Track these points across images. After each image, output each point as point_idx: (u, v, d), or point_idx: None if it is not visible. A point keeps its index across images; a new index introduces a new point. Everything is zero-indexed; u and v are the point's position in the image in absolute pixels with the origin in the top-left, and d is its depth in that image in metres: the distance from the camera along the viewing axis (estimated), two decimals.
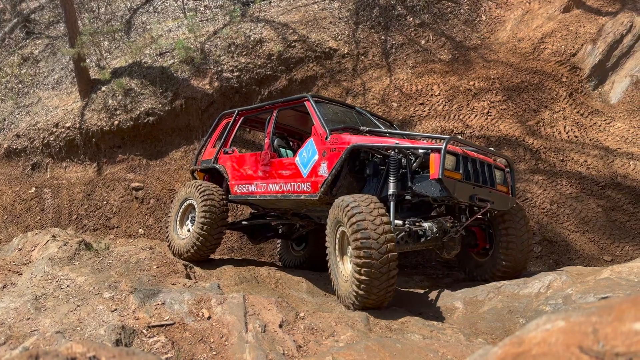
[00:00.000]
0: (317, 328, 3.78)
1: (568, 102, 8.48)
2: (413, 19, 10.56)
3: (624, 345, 0.87)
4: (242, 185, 6.05)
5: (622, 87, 8.64)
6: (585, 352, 0.88)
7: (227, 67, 10.02)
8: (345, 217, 4.13)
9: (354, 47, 10.18)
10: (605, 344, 0.89)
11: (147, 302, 4.03)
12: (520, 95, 8.64)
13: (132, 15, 12.95)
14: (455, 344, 3.44)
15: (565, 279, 4.11)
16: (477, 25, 10.44)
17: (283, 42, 10.13)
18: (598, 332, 0.93)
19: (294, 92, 9.88)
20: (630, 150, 7.66)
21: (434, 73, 9.51)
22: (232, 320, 3.68)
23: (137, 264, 5.25)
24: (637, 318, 0.93)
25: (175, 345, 3.47)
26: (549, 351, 0.94)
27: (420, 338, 3.60)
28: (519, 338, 1.05)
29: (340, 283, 4.42)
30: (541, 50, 9.33)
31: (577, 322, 0.99)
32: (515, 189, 5.05)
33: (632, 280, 3.98)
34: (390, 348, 2.99)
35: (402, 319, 4.18)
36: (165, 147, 10.01)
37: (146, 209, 9.06)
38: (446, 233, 4.64)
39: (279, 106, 6.00)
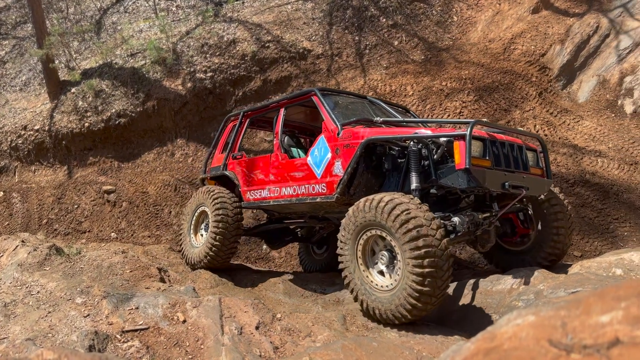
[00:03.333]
0: (294, 329, 3.78)
1: (538, 102, 8.66)
2: (386, 20, 10.64)
3: (591, 338, 0.89)
4: (254, 191, 5.73)
5: (589, 86, 8.86)
6: (554, 346, 0.90)
7: (200, 67, 9.93)
8: (387, 218, 3.66)
9: (328, 47, 10.20)
10: (574, 336, 0.91)
11: (120, 307, 3.96)
12: (491, 95, 8.78)
13: (102, 15, 12.72)
14: (431, 340, 3.48)
15: (537, 274, 4.19)
16: (448, 26, 10.57)
17: (257, 42, 10.09)
18: (567, 325, 0.95)
19: (268, 93, 9.85)
20: (598, 148, 7.86)
21: (408, 74, 9.59)
22: (208, 323, 3.65)
23: (110, 268, 5.16)
24: (604, 311, 0.96)
25: (150, 349, 3.43)
26: (519, 345, 0.96)
27: (396, 336, 3.63)
28: (491, 333, 1.07)
29: (380, 296, 3.85)
30: (511, 51, 9.50)
31: (547, 316, 1.01)
32: (551, 170, 4.59)
33: (601, 275, 4.08)
34: (367, 347, 3.01)
35: None
36: (137, 149, 9.87)
37: (118, 212, 8.91)
38: (479, 226, 4.25)
39: (285, 103, 5.64)
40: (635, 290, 0.99)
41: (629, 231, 6.79)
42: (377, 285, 3.92)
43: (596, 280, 3.85)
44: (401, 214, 3.57)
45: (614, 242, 6.65)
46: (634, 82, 8.49)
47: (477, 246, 4.47)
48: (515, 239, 4.92)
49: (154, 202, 8.76)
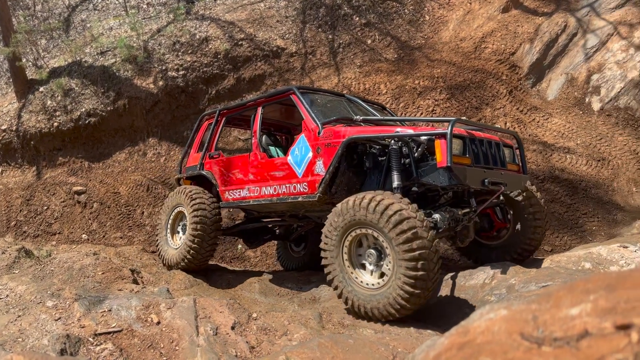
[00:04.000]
0: (270, 328, 3.77)
1: (508, 100, 8.81)
2: (359, 19, 10.68)
3: (561, 330, 0.91)
4: (233, 191, 5.68)
5: (558, 84, 9.06)
6: (526, 339, 0.92)
7: (172, 65, 9.80)
8: (379, 218, 3.67)
9: (302, 46, 10.19)
10: (545, 329, 0.93)
11: (92, 310, 3.89)
12: (463, 94, 8.90)
13: (71, 13, 12.45)
14: (406, 336, 3.51)
15: (509, 269, 4.27)
16: (421, 25, 10.67)
17: (230, 40, 10.01)
18: (538, 318, 0.97)
19: (242, 91, 9.79)
20: (567, 144, 8.04)
21: (381, 72, 9.65)
22: (183, 324, 3.61)
23: (81, 270, 5.06)
24: (573, 304, 0.98)
25: (124, 352, 3.37)
26: (492, 339, 0.97)
27: (372, 332, 3.65)
28: (464, 328, 1.09)
29: (366, 293, 3.89)
30: (482, 50, 9.65)
31: (519, 310, 1.03)
32: (527, 165, 4.72)
33: (570, 269, 4.18)
34: (343, 344, 3.02)
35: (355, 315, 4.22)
36: (108, 149, 9.69)
37: (89, 213, 8.74)
38: (459, 222, 4.33)
39: (262, 102, 5.60)
40: (603, 283, 1.02)
41: (597, 226, 6.97)
42: (363, 283, 3.95)
43: (566, 274, 3.94)
44: (394, 214, 3.60)
45: (582, 237, 6.82)
46: (601, 80, 8.71)
47: (456, 241, 4.53)
48: (492, 233, 5.03)
49: (125, 203, 8.62)
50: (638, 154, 7.79)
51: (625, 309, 0.89)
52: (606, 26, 9.08)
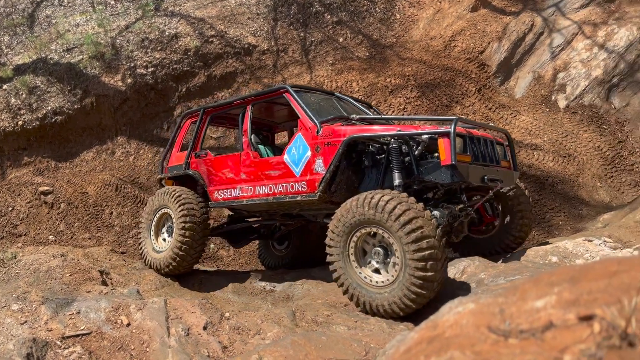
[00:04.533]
0: (243, 327, 3.75)
1: (477, 97, 8.95)
2: (331, 17, 10.69)
3: (527, 322, 0.93)
4: (223, 190, 5.57)
5: (525, 82, 9.25)
6: (493, 331, 0.93)
7: (141, 62, 9.64)
8: (381, 213, 3.73)
9: (274, 43, 10.14)
10: (511, 322, 0.95)
11: (60, 312, 3.81)
12: (433, 92, 9.00)
13: (35, 8, 12.11)
14: (379, 332, 3.54)
15: (478, 264, 4.35)
16: (392, 24, 10.74)
17: (200, 37, 9.90)
18: (504, 311, 0.98)
19: (213, 89, 9.69)
20: (534, 141, 8.21)
21: (353, 70, 9.69)
22: (153, 325, 3.56)
23: (48, 272, 4.94)
24: (539, 296, 1.00)
25: (93, 355, 3.31)
26: (460, 332, 0.98)
27: (345, 329, 3.67)
28: (433, 322, 1.10)
29: (373, 291, 3.93)
30: (452, 48, 9.77)
31: (486, 303, 1.04)
32: (516, 162, 4.91)
33: (538, 263, 4.28)
34: (316, 341, 3.02)
35: (328, 312, 4.24)
36: (75, 148, 9.48)
37: (57, 214, 8.53)
38: (456, 218, 4.43)
39: (252, 100, 5.52)
40: (567, 276, 1.04)
41: (564, 220, 7.15)
42: (370, 281, 4.00)
43: (533, 267, 4.03)
44: (403, 213, 3.66)
45: (550, 231, 6.98)
46: (567, 78, 8.92)
47: (451, 237, 4.60)
48: (481, 227, 5.18)
49: (94, 203, 8.45)
50: (602, 150, 8.02)
51: (587, 301, 0.91)
52: (571, 25, 9.31)
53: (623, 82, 8.60)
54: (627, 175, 7.77)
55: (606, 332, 0.81)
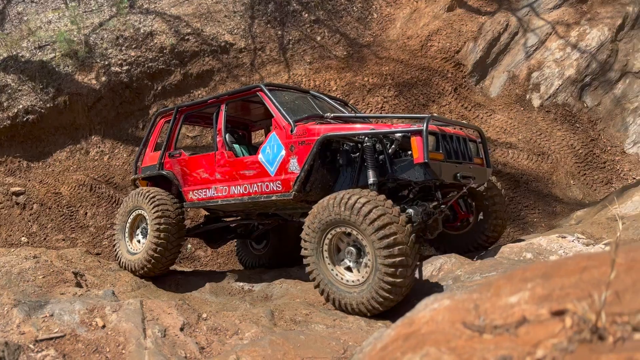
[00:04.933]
0: (221, 328, 3.72)
1: (453, 97, 9.05)
2: (308, 15, 10.68)
3: (501, 318, 0.94)
4: (198, 190, 5.52)
5: (500, 81, 9.37)
6: (468, 327, 0.94)
7: (116, 60, 9.49)
8: (356, 215, 3.73)
9: (251, 41, 10.09)
10: (486, 318, 0.95)
11: (33, 315, 3.72)
12: (410, 91, 9.07)
13: (6, 5, 11.82)
14: (357, 330, 3.55)
15: (455, 261, 4.39)
16: (369, 23, 10.78)
17: (176, 35, 9.79)
18: (479, 307, 0.99)
19: (190, 87, 9.60)
20: (509, 140, 8.34)
21: (331, 69, 9.69)
22: (129, 327, 3.51)
23: (20, 274, 4.84)
24: (512, 292, 1.01)
25: (67, 358, 3.25)
26: (436, 329, 0.99)
27: (324, 328, 3.67)
28: (409, 319, 1.10)
29: (348, 290, 3.97)
30: (428, 48, 9.85)
31: (461, 299, 1.05)
32: (490, 159, 4.96)
33: (513, 259, 4.34)
34: (294, 340, 3.02)
35: (307, 311, 4.23)
36: (48, 148, 9.28)
37: (29, 215, 8.35)
38: (431, 215, 4.45)
39: (226, 99, 5.49)
40: (540, 272, 1.05)
41: (538, 217, 7.27)
42: (345, 280, 4.03)
43: (508, 264, 4.09)
44: (378, 218, 3.67)
45: (524, 228, 7.10)
46: (541, 77, 9.08)
47: (426, 233, 4.64)
48: (456, 224, 5.23)
49: (67, 204, 8.29)
50: (575, 148, 8.18)
51: (560, 296, 0.93)
52: (545, 26, 9.47)
53: (595, 82, 8.78)
54: (599, 172, 7.95)
55: (577, 326, 0.82)
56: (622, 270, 0.97)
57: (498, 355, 0.80)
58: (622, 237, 4.48)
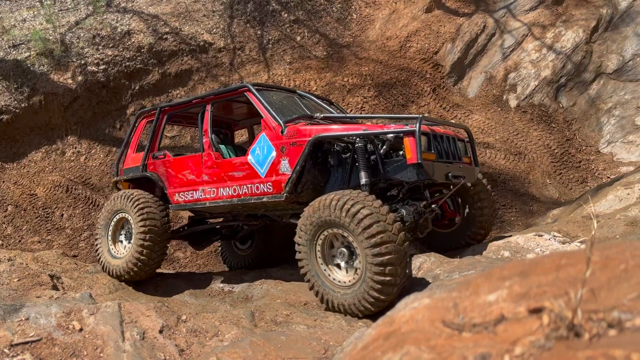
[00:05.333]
0: (201, 329, 3.69)
1: (432, 97, 9.12)
2: (288, 15, 10.67)
3: (480, 316, 0.95)
4: (184, 192, 5.42)
5: (478, 82, 9.49)
6: (447, 326, 0.95)
7: (92, 60, 9.35)
8: (347, 216, 3.73)
9: (230, 41, 10.03)
10: (465, 316, 0.96)
11: (8, 319, 3.64)
12: (390, 91, 9.12)
13: None
14: (337, 330, 3.55)
15: (434, 259, 4.44)
16: (348, 24, 10.81)
17: (154, 34, 9.69)
18: (458, 306, 1.00)
19: (168, 87, 9.50)
20: (487, 140, 8.44)
21: (311, 69, 9.69)
22: (107, 330, 3.46)
23: None
24: (491, 290, 1.02)
25: None
26: (416, 327, 0.99)
27: (305, 328, 3.67)
28: (390, 318, 1.11)
29: (341, 291, 3.96)
30: (407, 48, 9.92)
31: (440, 298, 1.06)
32: (477, 158, 5.01)
33: (491, 258, 4.40)
34: (275, 341, 3.01)
35: (287, 312, 4.23)
36: (23, 148, 9.09)
37: (3, 217, 8.18)
38: (422, 215, 4.49)
39: (212, 99, 5.39)
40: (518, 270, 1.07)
41: (515, 216, 7.38)
42: (338, 281, 4.03)
43: (487, 262, 4.14)
44: (358, 212, 3.68)
45: (502, 227, 7.19)
46: (517, 78, 9.21)
47: (416, 233, 4.66)
48: (444, 222, 5.29)
49: (43, 205, 8.14)
50: (551, 148, 8.32)
51: (537, 294, 0.94)
52: (521, 27, 9.61)
53: (570, 82, 8.95)
54: (574, 172, 8.10)
55: (554, 323, 0.83)
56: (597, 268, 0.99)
57: (477, 353, 0.80)
58: (597, 235, 4.58)
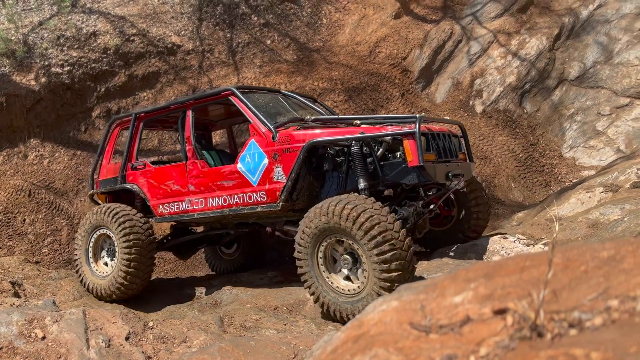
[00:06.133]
0: (168, 336, 3.63)
1: (401, 102, 9.23)
2: (258, 19, 10.64)
3: (446, 318, 0.96)
4: (169, 204, 5.16)
5: (445, 88, 9.65)
6: (415, 328, 0.96)
7: (56, 61, 9.12)
8: (352, 225, 3.59)
9: (199, 43, 9.94)
10: (432, 318, 0.98)
11: None
12: (359, 96, 9.19)
13: None
14: (307, 334, 3.55)
15: None
16: (318, 28, 10.85)
17: (120, 35, 9.52)
18: (425, 308, 1.02)
19: (135, 89, 9.35)
20: None
21: (281, 73, 9.69)
22: (71, 337, 3.37)
23: None
24: (457, 292, 1.04)
25: None
26: (384, 330, 1.00)
27: (275, 332, 3.66)
28: (359, 321, 1.11)
29: (346, 299, 3.83)
30: (377, 54, 10.02)
31: (408, 300, 1.07)
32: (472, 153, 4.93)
33: (458, 260, 4.47)
34: (244, 346, 2.99)
35: (257, 316, 4.21)
36: None
37: None
38: (421, 215, 4.39)
39: (192, 104, 5.12)
40: (483, 272, 1.09)
41: None
42: (341, 289, 3.87)
43: (453, 264, 4.21)
44: (366, 221, 3.55)
45: None
46: (483, 84, 9.40)
47: (414, 233, 4.57)
48: (440, 220, 5.23)
49: (4, 210, 7.88)
50: (516, 152, 8.51)
51: (501, 295, 0.96)
52: (487, 34, 9.82)
53: (534, 89, 9.18)
54: (538, 176, 8.31)
55: (518, 324, 0.85)
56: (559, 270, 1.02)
57: (444, 354, 0.82)
58: (559, 237, 4.70)
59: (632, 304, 0.84)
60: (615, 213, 4.68)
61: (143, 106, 9.10)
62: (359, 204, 3.66)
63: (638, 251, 1.00)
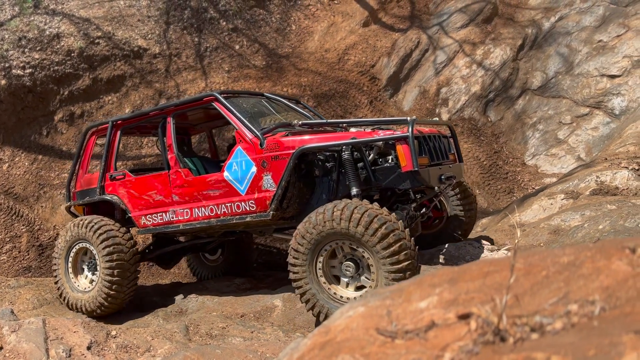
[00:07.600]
0: (132, 345, 3.56)
1: (369, 109, 9.32)
2: (226, 24, 10.59)
3: (412, 323, 0.97)
4: (152, 215, 4.97)
5: (412, 96, 9.78)
6: (381, 333, 0.97)
7: (17, 63, 8.87)
8: (356, 228, 3.48)
9: (166, 47, 9.82)
10: (397, 323, 0.99)
11: None
12: (328, 102, 9.23)
13: None
14: (275, 341, 3.53)
15: None
16: (288, 34, 10.87)
17: (85, 38, 9.32)
18: (391, 313, 1.02)
19: (99, 93, 9.16)
20: None
21: (250, 78, 9.65)
22: (30, 347, 3.26)
23: None
24: (422, 297, 1.05)
25: None
26: (351, 336, 1.00)
27: (241, 340, 3.62)
28: (326, 327, 1.11)
29: None
30: (345, 61, 10.10)
31: (375, 306, 1.08)
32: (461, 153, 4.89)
33: (424, 265, 4.52)
34: (210, 355, 2.94)
35: (223, 324, 4.16)
36: None
37: None
38: (414, 219, 4.34)
39: (173, 110, 4.95)
40: (447, 277, 1.11)
41: None
42: (338, 296, 3.74)
43: (423, 269, 4.25)
44: (380, 227, 3.46)
45: None
46: (449, 93, 9.58)
47: None
48: (430, 222, 5.21)
49: None
50: (480, 160, 8.69)
51: (465, 300, 0.98)
52: (453, 44, 10.02)
53: (498, 98, 9.41)
54: (502, 182, 8.49)
55: (481, 329, 0.87)
56: (521, 275, 1.05)
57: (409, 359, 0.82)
58: (521, 243, 4.81)
59: (590, 307, 0.87)
60: (575, 219, 4.82)
61: (107, 110, 8.94)
62: (358, 206, 3.59)
63: (596, 257, 1.04)
